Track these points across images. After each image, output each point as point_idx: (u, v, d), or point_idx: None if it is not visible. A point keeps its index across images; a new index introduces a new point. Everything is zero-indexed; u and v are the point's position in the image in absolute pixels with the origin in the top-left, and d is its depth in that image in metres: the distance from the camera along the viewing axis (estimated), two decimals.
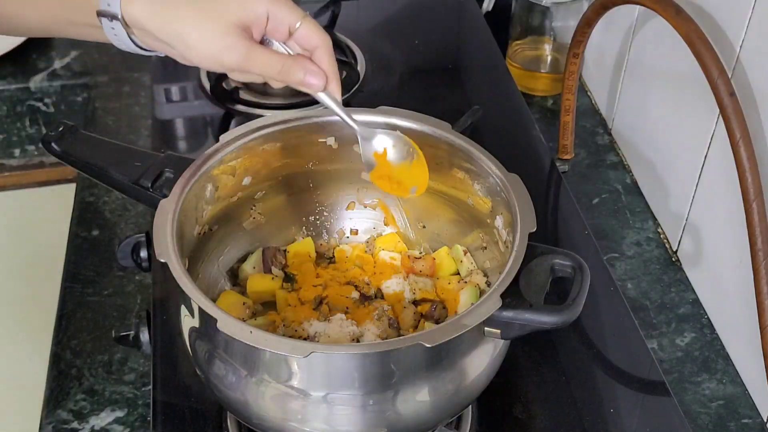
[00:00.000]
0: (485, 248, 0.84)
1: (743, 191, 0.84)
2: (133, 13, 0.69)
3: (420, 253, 0.90)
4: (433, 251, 0.89)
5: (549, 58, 1.28)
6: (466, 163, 0.81)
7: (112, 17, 0.69)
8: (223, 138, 0.81)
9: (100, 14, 0.69)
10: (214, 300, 0.76)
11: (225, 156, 0.80)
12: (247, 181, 0.84)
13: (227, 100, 1.17)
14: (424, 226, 0.90)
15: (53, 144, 0.83)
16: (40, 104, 1.29)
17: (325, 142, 0.85)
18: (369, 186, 0.90)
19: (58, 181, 1.29)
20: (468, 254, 0.86)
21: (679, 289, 1.02)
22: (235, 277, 0.87)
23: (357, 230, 0.92)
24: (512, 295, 0.68)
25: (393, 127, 0.81)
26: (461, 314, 0.67)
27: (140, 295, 1.00)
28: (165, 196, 0.76)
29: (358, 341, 0.78)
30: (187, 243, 0.78)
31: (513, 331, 0.69)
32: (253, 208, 0.87)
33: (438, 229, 0.89)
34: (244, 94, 1.19)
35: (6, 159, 1.23)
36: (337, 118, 0.77)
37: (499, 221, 0.80)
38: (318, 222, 0.92)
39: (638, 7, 1.06)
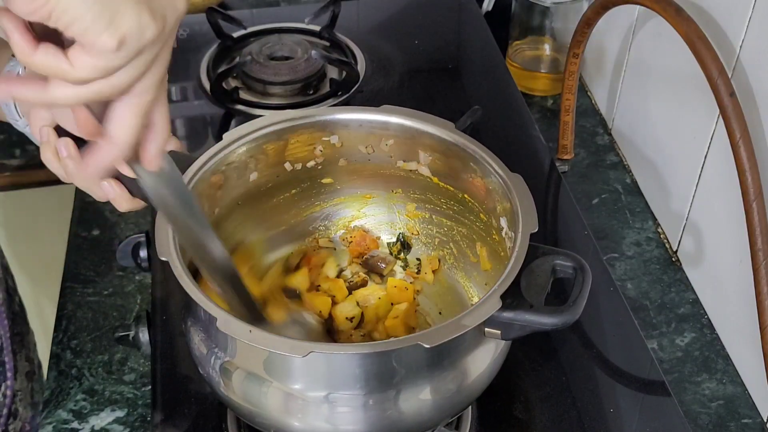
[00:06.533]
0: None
1: (743, 191, 0.84)
2: None
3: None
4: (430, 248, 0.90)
5: (549, 58, 1.28)
6: (469, 163, 0.81)
7: None
8: (226, 137, 0.81)
9: None
10: None
11: (227, 154, 0.80)
12: (252, 178, 0.84)
13: (227, 100, 1.17)
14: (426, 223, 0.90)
15: None
16: None
17: (329, 140, 0.85)
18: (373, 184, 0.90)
19: (58, 181, 1.29)
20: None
21: (679, 289, 1.02)
22: None
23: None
24: (513, 296, 0.68)
25: (395, 125, 0.82)
26: (462, 315, 0.67)
27: (140, 295, 1.00)
28: None
29: None
30: None
31: (513, 332, 0.69)
32: (256, 206, 0.87)
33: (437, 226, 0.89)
34: (244, 94, 1.18)
35: (6, 159, 1.23)
36: (340, 116, 0.76)
37: (502, 221, 0.80)
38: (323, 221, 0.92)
39: (638, 7, 1.07)
